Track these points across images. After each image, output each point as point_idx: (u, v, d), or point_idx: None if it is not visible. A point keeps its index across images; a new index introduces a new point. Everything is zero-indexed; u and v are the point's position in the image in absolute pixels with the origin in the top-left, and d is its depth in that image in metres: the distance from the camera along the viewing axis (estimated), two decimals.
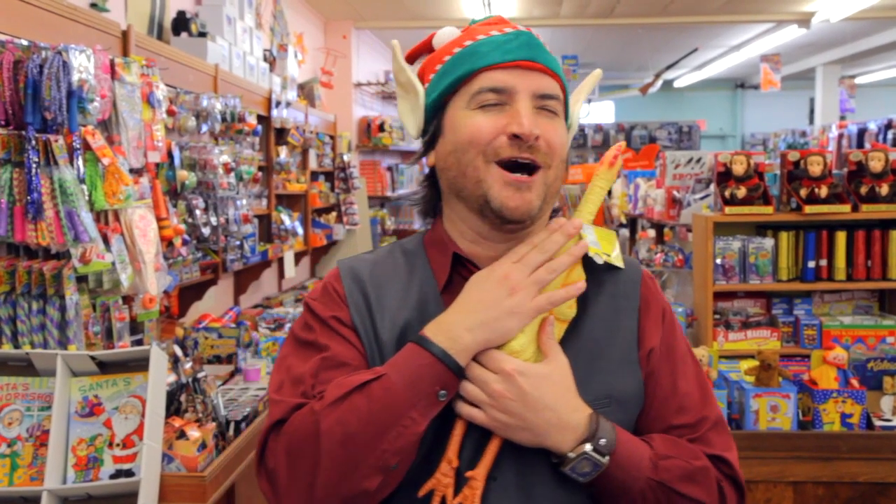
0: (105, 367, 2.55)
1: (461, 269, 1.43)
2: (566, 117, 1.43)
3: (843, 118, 15.39)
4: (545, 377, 1.31)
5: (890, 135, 11.31)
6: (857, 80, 17.26)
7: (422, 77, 1.47)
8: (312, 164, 7.18)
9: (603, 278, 1.44)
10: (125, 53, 3.46)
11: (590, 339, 1.40)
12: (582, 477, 1.32)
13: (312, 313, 1.44)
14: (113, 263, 2.97)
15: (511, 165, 1.34)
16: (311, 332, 1.42)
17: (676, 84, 19.78)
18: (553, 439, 1.31)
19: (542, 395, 1.29)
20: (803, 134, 15.69)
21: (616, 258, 1.43)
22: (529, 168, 1.34)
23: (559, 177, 1.39)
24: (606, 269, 1.44)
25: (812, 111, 18.07)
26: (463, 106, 1.37)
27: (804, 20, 11.25)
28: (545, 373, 1.31)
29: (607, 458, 1.30)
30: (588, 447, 1.30)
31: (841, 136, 12.35)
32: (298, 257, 6.93)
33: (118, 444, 2.48)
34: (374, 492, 1.27)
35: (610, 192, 7.74)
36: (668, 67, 14.64)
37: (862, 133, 11.85)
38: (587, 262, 1.39)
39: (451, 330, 1.30)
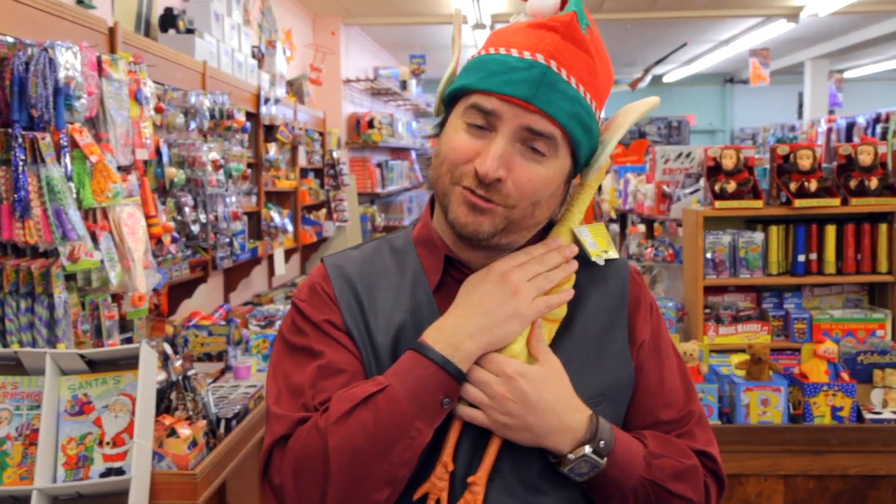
0: (94, 365, 2.54)
1: (453, 270, 1.41)
2: (578, 153, 1.34)
3: (831, 112, 15.44)
4: (545, 378, 1.31)
5: (878, 129, 11.34)
6: (846, 75, 17.34)
7: None
8: (302, 160, 7.16)
9: (592, 276, 1.43)
10: (112, 50, 3.44)
11: (582, 338, 1.40)
12: (579, 477, 1.33)
13: (303, 316, 1.40)
14: (101, 261, 2.96)
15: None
16: (303, 336, 1.39)
17: (666, 79, 19.81)
18: (553, 440, 1.31)
19: (543, 396, 1.30)
20: (792, 128, 15.74)
21: (612, 251, 1.44)
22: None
23: (532, 214, 1.33)
24: (595, 266, 1.43)
25: (801, 106, 18.13)
26: (459, 113, 1.34)
27: (793, 15, 11.27)
28: (545, 374, 1.31)
29: (605, 459, 1.32)
30: (588, 449, 1.31)
31: (830, 130, 12.39)
32: (288, 254, 6.92)
33: (108, 443, 2.47)
34: (383, 503, 1.27)
35: (600, 188, 7.75)
36: (658, 62, 14.65)
37: (851, 127, 11.89)
38: (578, 259, 1.39)
39: (453, 336, 1.29)
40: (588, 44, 1.32)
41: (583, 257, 1.40)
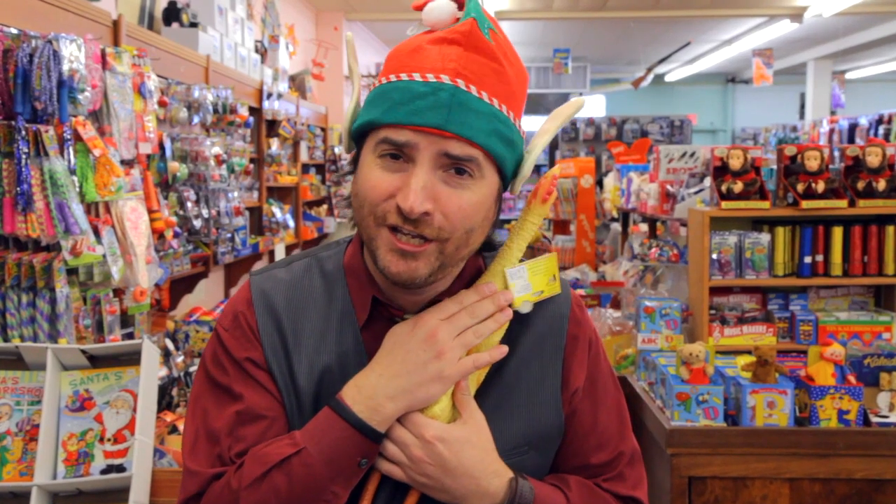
0: (96, 360, 2.51)
1: (381, 307, 1.35)
2: (504, 169, 1.27)
3: (833, 113, 15.42)
4: (465, 442, 1.27)
5: (881, 130, 11.33)
6: (848, 76, 17.30)
7: None
8: (303, 156, 7.15)
9: (529, 316, 1.37)
10: (116, 43, 3.42)
11: (511, 384, 1.36)
12: None
13: (224, 349, 1.34)
14: (104, 256, 2.95)
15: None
16: (224, 374, 1.33)
17: (668, 78, 19.79)
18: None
19: (462, 461, 1.27)
20: (794, 129, 15.71)
21: (551, 287, 1.37)
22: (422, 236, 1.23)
23: (467, 243, 1.26)
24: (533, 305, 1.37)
25: (802, 106, 18.11)
26: (371, 149, 1.24)
27: (797, 14, 11.25)
28: (465, 437, 1.28)
29: None
30: None
31: (832, 131, 12.38)
32: (289, 250, 6.90)
33: (109, 439, 2.44)
34: None
35: (602, 186, 7.71)
36: (661, 61, 14.63)
37: (853, 128, 11.87)
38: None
39: (373, 397, 1.25)
40: (494, 50, 1.24)
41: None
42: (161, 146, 3.80)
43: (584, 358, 1.42)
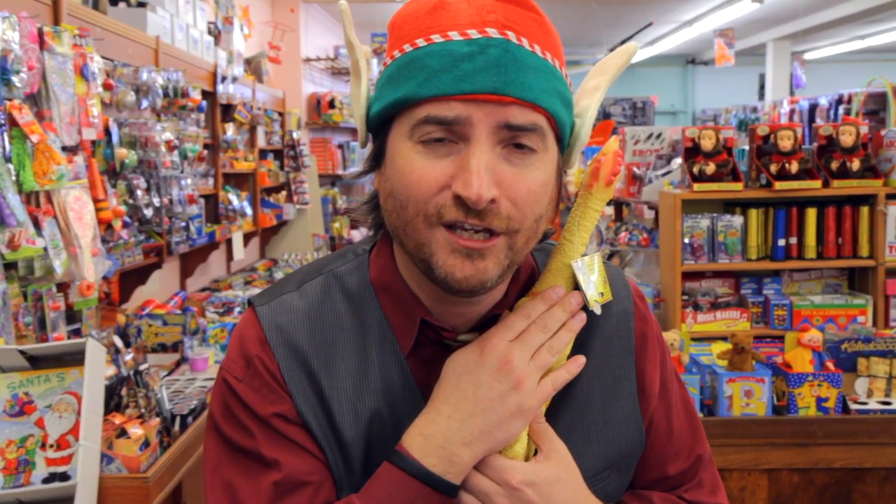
0: (36, 361, 2.42)
1: (427, 330, 1.13)
2: (563, 136, 1.08)
3: (792, 93, 15.48)
4: (555, 481, 1.07)
5: (841, 110, 11.34)
6: (807, 56, 17.39)
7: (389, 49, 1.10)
8: (261, 141, 7.00)
9: (590, 318, 1.15)
10: (56, 22, 3.22)
11: (582, 401, 1.17)
12: None
13: (243, 405, 1.10)
14: (45, 249, 2.80)
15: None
16: (248, 436, 1.09)
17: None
18: None
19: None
20: (754, 110, 15.74)
21: (607, 288, 1.17)
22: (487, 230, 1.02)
23: (536, 234, 1.06)
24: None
25: (762, 87, 18.21)
26: (405, 134, 1.02)
27: None
28: (554, 476, 1.07)
29: None
30: None
31: (792, 111, 12.39)
32: (247, 238, 6.76)
33: (52, 446, 2.35)
34: None
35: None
36: (622, 43, 14.57)
37: (813, 108, 11.88)
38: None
39: (445, 445, 1.03)
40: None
41: None
42: (107, 131, 3.63)
43: (657, 358, 1.24)
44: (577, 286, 1.12)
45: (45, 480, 2.29)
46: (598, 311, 1.13)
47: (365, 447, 1.09)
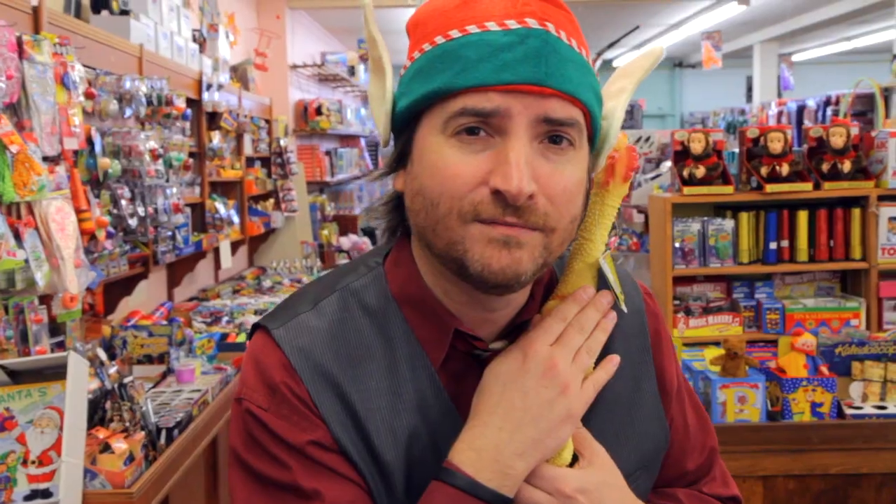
0: (17, 376, 2.38)
1: (457, 341, 1.08)
2: (595, 137, 1.06)
3: (780, 95, 15.51)
4: (604, 486, 1.05)
5: (829, 112, 11.34)
6: (794, 58, 17.43)
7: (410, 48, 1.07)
8: (247, 149, 6.95)
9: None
10: (36, 31, 3.17)
11: (611, 402, 1.14)
12: None
13: (274, 436, 1.04)
14: (26, 261, 2.74)
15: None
16: (282, 469, 1.03)
17: (616, 63, 19.75)
18: None
19: None
20: (742, 112, 15.77)
21: (620, 287, 1.14)
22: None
23: (570, 236, 1.04)
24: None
25: (749, 89, 18.24)
26: (437, 128, 0.99)
27: None
28: (602, 480, 1.05)
29: None
30: None
31: (780, 113, 12.41)
32: (235, 247, 6.70)
33: (33, 462, 2.31)
34: None
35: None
36: (609, 46, 14.55)
37: (801, 110, 11.89)
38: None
39: (498, 458, 0.99)
40: None
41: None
42: (90, 141, 3.57)
43: (672, 354, 1.23)
44: (601, 285, 1.10)
45: (27, 498, 2.25)
46: (626, 308, 1.12)
47: (405, 469, 1.05)
